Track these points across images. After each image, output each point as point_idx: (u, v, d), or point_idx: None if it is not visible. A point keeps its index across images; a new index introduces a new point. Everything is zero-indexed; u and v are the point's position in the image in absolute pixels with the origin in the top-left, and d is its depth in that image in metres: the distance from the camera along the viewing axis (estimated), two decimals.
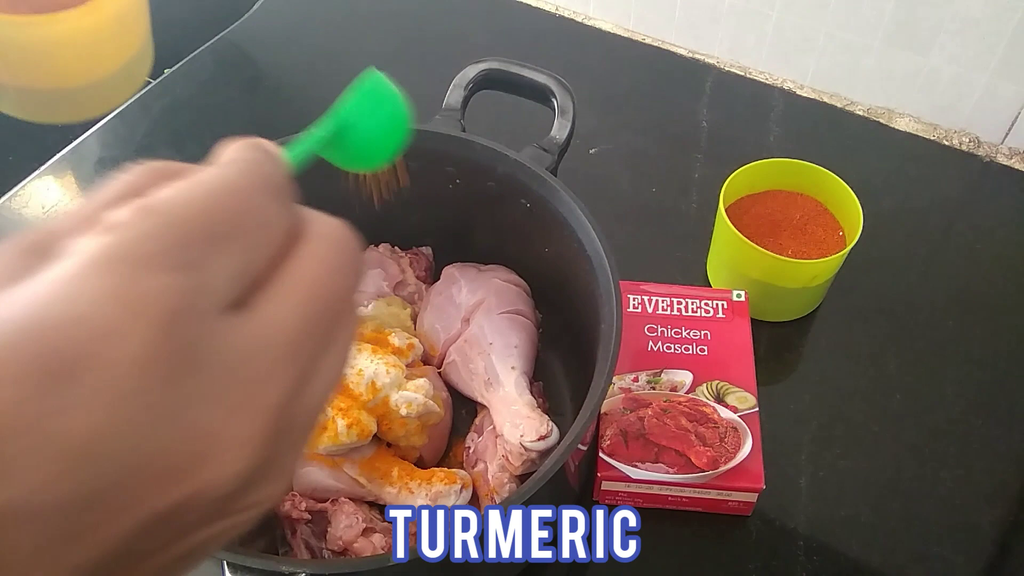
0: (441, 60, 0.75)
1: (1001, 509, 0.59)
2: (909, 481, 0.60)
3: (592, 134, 0.81)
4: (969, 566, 0.56)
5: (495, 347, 0.58)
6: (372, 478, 0.54)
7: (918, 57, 0.79)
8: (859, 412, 0.63)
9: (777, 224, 0.67)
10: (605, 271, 0.51)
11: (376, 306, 0.62)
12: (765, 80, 0.88)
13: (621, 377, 0.60)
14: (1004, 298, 0.69)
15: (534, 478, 0.43)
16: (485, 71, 0.62)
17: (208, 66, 0.93)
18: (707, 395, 0.58)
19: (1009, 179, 0.78)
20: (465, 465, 0.57)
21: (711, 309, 0.63)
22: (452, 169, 0.60)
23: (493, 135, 0.58)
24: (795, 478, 0.60)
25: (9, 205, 0.80)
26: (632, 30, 0.95)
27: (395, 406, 0.53)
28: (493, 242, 0.64)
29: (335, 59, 0.93)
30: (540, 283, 0.63)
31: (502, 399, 0.56)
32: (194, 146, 0.85)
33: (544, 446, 0.52)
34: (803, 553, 0.56)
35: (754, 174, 0.68)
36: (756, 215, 0.68)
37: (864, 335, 0.68)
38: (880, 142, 0.82)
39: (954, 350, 0.66)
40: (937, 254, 0.73)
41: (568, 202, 0.55)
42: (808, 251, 0.66)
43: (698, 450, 0.55)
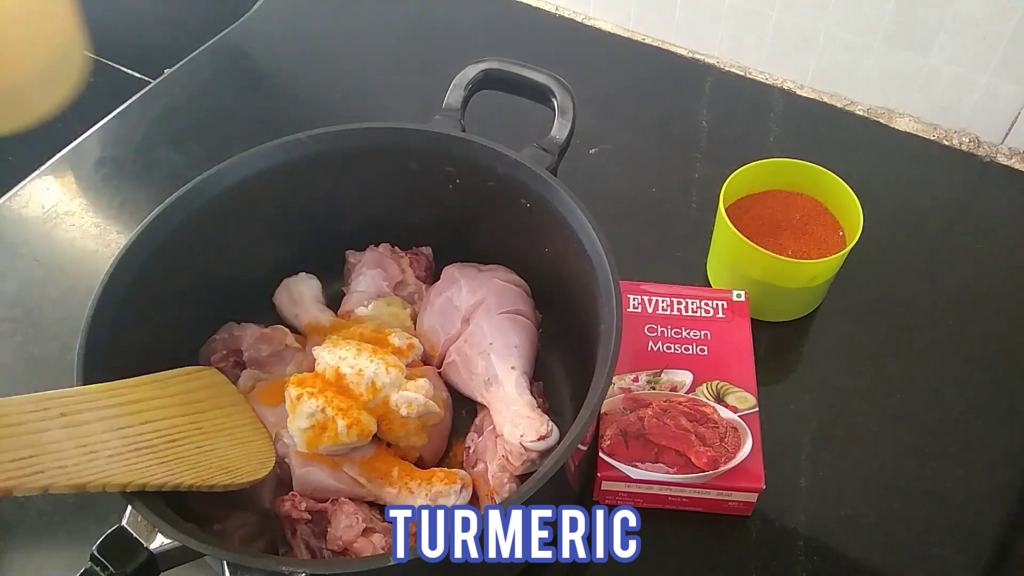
0: (441, 60, 0.75)
1: (1001, 509, 0.59)
2: (909, 481, 0.60)
3: (592, 134, 0.81)
4: (969, 566, 0.56)
5: (495, 347, 0.58)
6: (372, 478, 0.54)
7: (918, 57, 0.79)
8: (859, 412, 0.63)
9: (777, 224, 0.67)
10: (605, 271, 0.51)
11: (376, 306, 0.62)
12: (765, 80, 0.88)
13: (621, 377, 0.60)
14: (1004, 298, 0.69)
15: (534, 478, 0.43)
16: (485, 71, 0.62)
17: (208, 66, 0.93)
18: (707, 395, 0.58)
19: (1009, 179, 0.78)
20: (465, 465, 0.57)
21: (711, 309, 0.63)
22: (452, 169, 0.60)
23: (493, 135, 0.58)
24: (795, 478, 0.60)
25: (9, 205, 0.80)
26: (632, 30, 0.95)
27: (395, 406, 0.53)
28: (493, 242, 0.64)
29: (335, 59, 0.93)
30: (540, 283, 0.63)
31: (502, 399, 0.56)
32: (194, 146, 0.85)
33: (544, 446, 0.52)
34: (803, 553, 0.56)
35: (754, 174, 0.68)
36: (756, 215, 0.68)
37: (864, 335, 0.68)
38: (880, 142, 0.82)
39: (954, 350, 0.66)
40: (937, 254, 0.73)
41: (568, 202, 0.55)
42: (808, 251, 0.66)
43: (698, 450, 0.55)
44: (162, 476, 0.44)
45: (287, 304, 0.64)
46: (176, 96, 0.90)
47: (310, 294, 0.64)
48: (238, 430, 0.54)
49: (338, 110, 0.88)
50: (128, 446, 0.45)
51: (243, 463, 0.51)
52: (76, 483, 0.41)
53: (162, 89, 0.90)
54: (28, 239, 0.78)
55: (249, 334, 0.61)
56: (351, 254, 0.67)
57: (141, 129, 0.87)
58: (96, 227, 0.78)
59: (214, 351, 0.60)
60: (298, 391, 0.52)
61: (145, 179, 0.82)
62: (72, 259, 0.76)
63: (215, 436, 0.51)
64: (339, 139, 0.60)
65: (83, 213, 0.79)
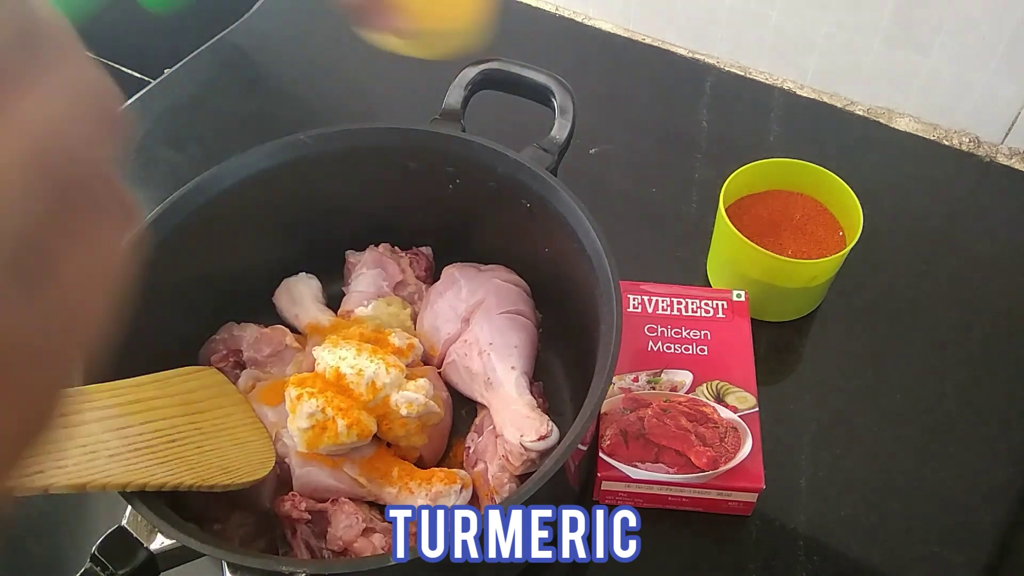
0: (441, 60, 0.75)
1: (1001, 509, 0.59)
2: (909, 481, 0.60)
3: (592, 134, 0.81)
4: (969, 566, 0.56)
5: (495, 347, 0.58)
6: (372, 478, 0.54)
7: (918, 57, 0.79)
8: (859, 412, 0.63)
9: (777, 224, 0.67)
10: (605, 271, 0.51)
11: (376, 306, 0.62)
12: (765, 80, 0.88)
13: (621, 377, 0.60)
14: (1004, 298, 0.69)
15: (534, 478, 0.43)
16: (485, 71, 0.62)
17: (208, 66, 0.93)
18: (707, 395, 0.58)
19: (1009, 179, 0.78)
20: (465, 465, 0.57)
21: (711, 309, 0.63)
22: (452, 169, 0.60)
23: (493, 135, 0.58)
24: (795, 478, 0.60)
25: None
26: (632, 30, 0.95)
27: (395, 406, 0.53)
28: (493, 242, 0.64)
29: (335, 59, 0.93)
30: (540, 283, 0.63)
31: (502, 399, 0.56)
32: (194, 146, 0.85)
33: (544, 446, 0.52)
34: (803, 553, 0.56)
35: (754, 174, 0.68)
36: (756, 215, 0.68)
37: (864, 335, 0.68)
38: (880, 142, 0.82)
39: (954, 350, 0.66)
40: (937, 254, 0.73)
41: (568, 202, 0.55)
42: (808, 251, 0.65)
43: (698, 450, 0.55)
44: (162, 476, 0.44)
45: (287, 304, 0.64)
46: (176, 96, 0.90)
47: (310, 294, 0.64)
48: (238, 430, 0.54)
49: (338, 110, 0.88)
50: (128, 446, 0.45)
51: (243, 463, 0.51)
52: (76, 483, 0.41)
53: (162, 89, 0.90)
54: None
55: (249, 334, 0.61)
56: (351, 254, 0.67)
57: (141, 129, 0.87)
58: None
59: (214, 351, 0.60)
60: (298, 391, 0.52)
61: (145, 179, 0.82)
62: None
63: (215, 436, 0.51)
64: (339, 139, 0.60)
65: None
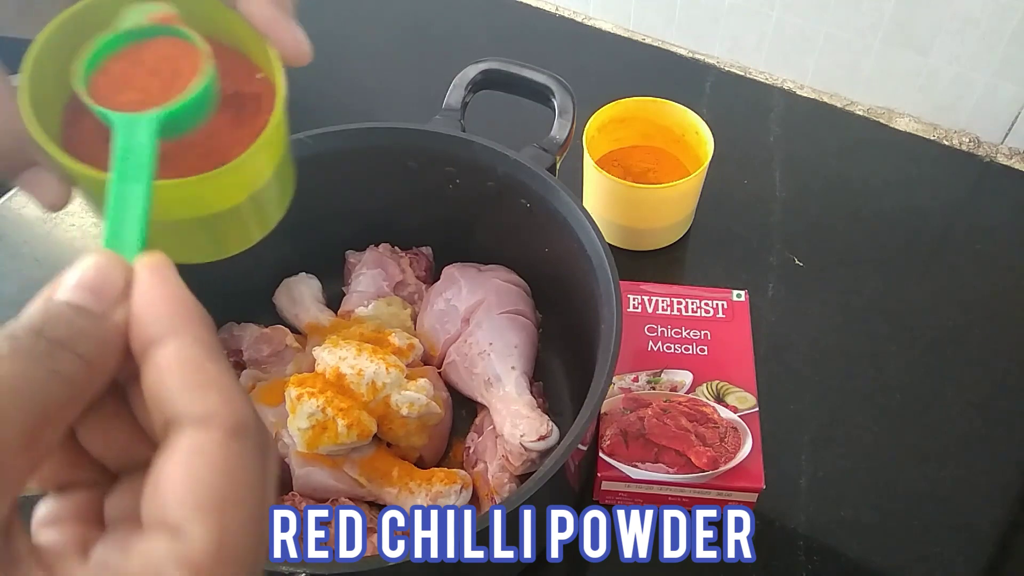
0: (441, 60, 0.75)
1: (1001, 509, 0.59)
2: (909, 481, 0.60)
3: None
4: (969, 566, 0.56)
5: (495, 347, 0.58)
6: (372, 478, 0.54)
7: (918, 57, 0.79)
8: (859, 412, 0.63)
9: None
10: (605, 271, 0.51)
11: (376, 306, 0.62)
12: (765, 80, 0.88)
13: (621, 377, 0.60)
14: (1004, 298, 0.69)
15: (534, 478, 0.43)
16: (485, 71, 0.62)
17: None
18: (707, 395, 0.58)
19: (1009, 179, 0.78)
20: (465, 465, 0.57)
21: (711, 309, 0.63)
22: (452, 169, 0.60)
23: (493, 135, 0.58)
24: (795, 478, 0.60)
25: (9, 205, 0.80)
26: (632, 30, 0.95)
27: (396, 406, 0.53)
28: (493, 242, 0.64)
29: (335, 59, 0.93)
30: (540, 283, 0.63)
31: (502, 399, 0.56)
32: None
33: (544, 446, 0.52)
34: (803, 553, 0.56)
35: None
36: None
37: (864, 335, 0.68)
38: (880, 142, 0.82)
39: (954, 350, 0.66)
40: (937, 254, 0.73)
41: (568, 202, 0.55)
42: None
43: (698, 450, 0.55)
44: None
45: (287, 304, 0.64)
46: None
47: (310, 294, 0.64)
48: None
49: (338, 110, 0.88)
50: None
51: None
52: None
53: None
54: (28, 239, 0.78)
55: (249, 334, 0.61)
56: (351, 254, 0.67)
57: None
58: (96, 227, 0.78)
59: None
60: (298, 391, 0.52)
61: None
62: (72, 260, 0.76)
63: None
64: (339, 139, 0.60)
65: (83, 213, 0.79)
